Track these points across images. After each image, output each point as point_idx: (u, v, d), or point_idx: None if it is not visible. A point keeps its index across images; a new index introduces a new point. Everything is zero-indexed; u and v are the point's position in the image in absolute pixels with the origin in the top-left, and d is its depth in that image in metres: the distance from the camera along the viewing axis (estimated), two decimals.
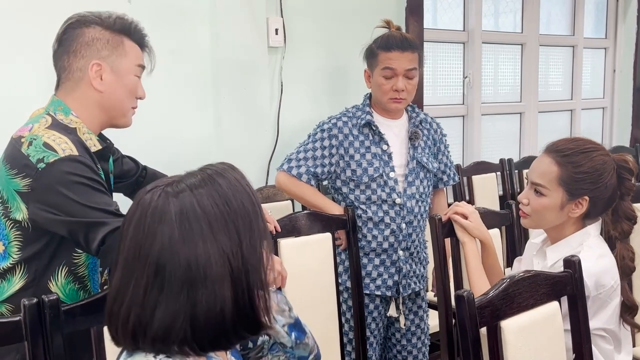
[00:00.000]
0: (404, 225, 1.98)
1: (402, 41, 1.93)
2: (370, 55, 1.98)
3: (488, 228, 1.93)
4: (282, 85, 2.52)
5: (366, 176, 1.95)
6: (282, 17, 2.48)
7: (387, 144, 1.98)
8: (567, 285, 1.29)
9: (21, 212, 1.27)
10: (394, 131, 2.02)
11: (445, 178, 2.16)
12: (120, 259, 0.83)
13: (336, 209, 1.95)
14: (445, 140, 2.16)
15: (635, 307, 1.51)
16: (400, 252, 1.99)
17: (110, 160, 1.49)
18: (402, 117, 2.05)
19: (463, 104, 3.40)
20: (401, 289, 2.00)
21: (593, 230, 1.51)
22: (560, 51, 3.93)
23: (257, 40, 2.41)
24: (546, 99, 3.83)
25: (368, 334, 1.98)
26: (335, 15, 2.67)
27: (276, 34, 2.47)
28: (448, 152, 2.17)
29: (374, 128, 1.98)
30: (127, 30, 1.38)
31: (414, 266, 2.03)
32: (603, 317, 1.44)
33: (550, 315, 1.25)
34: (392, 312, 2.03)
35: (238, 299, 0.82)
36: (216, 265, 0.80)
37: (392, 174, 1.97)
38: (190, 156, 2.31)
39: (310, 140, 2.00)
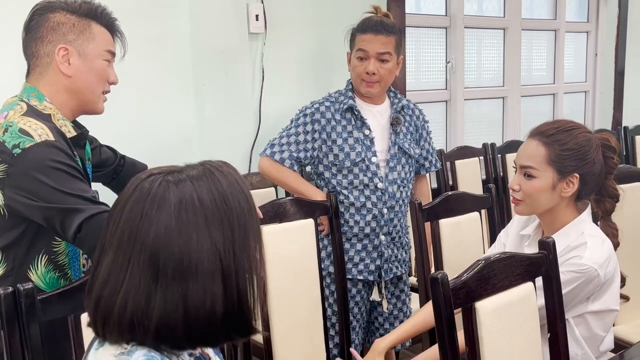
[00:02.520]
0: (385, 210, 1.99)
1: (377, 24, 1.93)
2: (350, 37, 2.01)
3: (469, 212, 1.96)
4: (263, 72, 2.51)
5: (348, 161, 1.96)
6: (262, 2, 2.46)
7: (369, 129, 1.98)
8: (542, 266, 1.31)
9: None
10: (376, 116, 2.02)
11: (427, 164, 2.17)
12: (113, 241, 0.80)
13: (319, 195, 1.96)
14: (428, 126, 2.17)
15: (623, 280, 1.54)
16: (382, 237, 2.00)
17: (88, 147, 1.48)
18: (384, 103, 2.06)
19: (446, 89, 3.41)
20: (383, 274, 2.02)
21: (586, 216, 1.52)
22: (543, 35, 3.94)
23: (237, 26, 2.40)
24: (529, 83, 3.84)
25: (351, 318, 2.00)
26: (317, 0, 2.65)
27: (257, 20, 2.45)
28: (430, 138, 2.18)
29: (356, 113, 1.98)
30: (93, 14, 1.36)
31: (395, 251, 2.05)
32: (606, 299, 1.46)
33: (525, 296, 1.26)
34: (374, 296, 2.05)
35: (227, 298, 0.81)
36: (207, 261, 0.80)
37: (374, 159, 1.97)
38: (171, 144, 2.30)
39: (293, 125, 2.00)
